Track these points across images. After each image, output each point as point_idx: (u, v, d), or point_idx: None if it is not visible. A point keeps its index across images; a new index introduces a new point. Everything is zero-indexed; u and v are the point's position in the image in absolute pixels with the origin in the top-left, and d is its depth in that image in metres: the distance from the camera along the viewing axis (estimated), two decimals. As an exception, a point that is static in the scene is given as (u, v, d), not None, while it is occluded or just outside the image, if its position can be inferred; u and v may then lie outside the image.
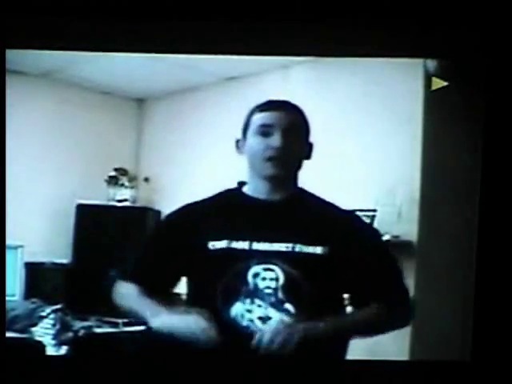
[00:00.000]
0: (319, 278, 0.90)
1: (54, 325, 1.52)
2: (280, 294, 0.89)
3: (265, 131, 0.95)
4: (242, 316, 0.88)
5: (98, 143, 2.37)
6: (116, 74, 2.19)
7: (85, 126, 2.34)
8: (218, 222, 0.93)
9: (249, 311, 0.89)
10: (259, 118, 0.97)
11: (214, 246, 0.92)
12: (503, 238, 0.81)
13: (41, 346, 1.31)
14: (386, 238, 1.52)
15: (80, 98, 2.34)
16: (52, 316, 1.54)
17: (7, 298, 0.94)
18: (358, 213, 1.00)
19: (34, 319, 1.56)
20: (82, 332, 1.53)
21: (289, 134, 0.94)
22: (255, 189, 0.94)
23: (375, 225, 1.63)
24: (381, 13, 0.80)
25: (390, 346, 1.18)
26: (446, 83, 1.16)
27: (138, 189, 2.39)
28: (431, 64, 1.29)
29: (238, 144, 1.00)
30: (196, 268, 0.93)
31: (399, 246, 1.58)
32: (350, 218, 0.93)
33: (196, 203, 0.95)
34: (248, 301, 0.89)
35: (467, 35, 0.81)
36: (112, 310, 0.91)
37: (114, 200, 2.31)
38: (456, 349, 0.86)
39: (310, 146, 0.98)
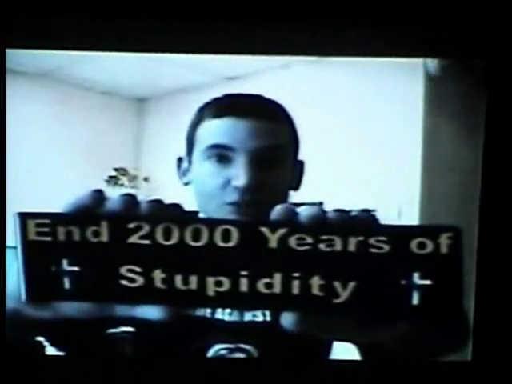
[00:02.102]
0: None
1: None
2: None
3: (221, 155, 0.60)
4: None
5: (98, 143, 2.37)
6: (116, 74, 2.19)
7: (85, 126, 2.34)
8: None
9: None
10: (210, 131, 0.60)
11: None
12: (503, 239, 0.81)
13: (41, 346, 1.31)
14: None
15: (80, 97, 2.34)
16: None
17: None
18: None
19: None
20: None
21: (264, 159, 0.59)
22: None
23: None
24: (381, 13, 0.80)
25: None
26: (446, 83, 1.16)
27: (138, 189, 2.39)
28: (431, 64, 1.29)
29: (181, 166, 0.67)
30: None
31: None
32: None
33: None
34: None
35: (467, 35, 0.81)
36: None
37: (113, 200, 2.30)
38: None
39: (300, 167, 0.66)
